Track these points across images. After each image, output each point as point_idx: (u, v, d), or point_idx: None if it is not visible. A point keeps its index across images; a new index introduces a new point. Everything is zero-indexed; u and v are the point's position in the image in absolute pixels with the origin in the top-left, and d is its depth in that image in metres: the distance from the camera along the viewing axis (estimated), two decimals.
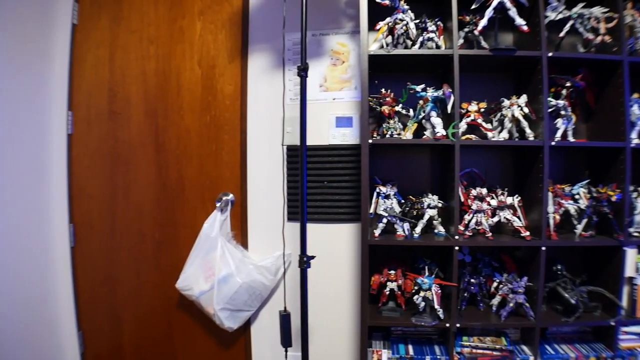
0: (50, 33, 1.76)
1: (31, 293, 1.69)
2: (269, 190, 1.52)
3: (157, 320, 1.69)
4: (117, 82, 1.65)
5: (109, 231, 1.70)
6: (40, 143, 1.73)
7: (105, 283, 1.73)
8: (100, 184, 1.69)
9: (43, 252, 1.74)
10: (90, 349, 1.79)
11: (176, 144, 1.58)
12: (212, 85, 1.54)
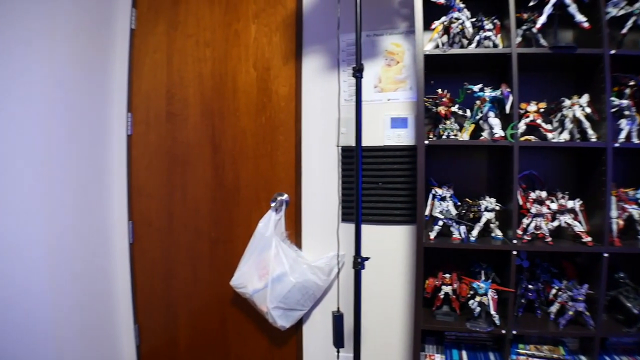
0: (110, 38, 2.10)
1: (91, 286, 2.01)
2: (323, 191, 1.74)
3: (211, 316, 1.97)
4: (175, 84, 1.95)
5: (167, 229, 2.01)
6: (102, 144, 2.10)
7: (162, 279, 2.04)
8: (159, 183, 2.00)
9: (103, 248, 2.07)
10: (145, 342, 2.12)
11: (232, 145, 1.85)
12: (267, 87, 1.79)
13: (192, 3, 1.93)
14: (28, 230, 1.64)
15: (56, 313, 1.76)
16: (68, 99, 1.84)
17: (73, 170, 1.89)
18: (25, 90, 1.61)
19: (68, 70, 1.83)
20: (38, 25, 1.66)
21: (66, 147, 1.84)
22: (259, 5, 1.82)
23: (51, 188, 1.74)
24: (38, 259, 1.68)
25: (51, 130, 1.74)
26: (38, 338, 1.68)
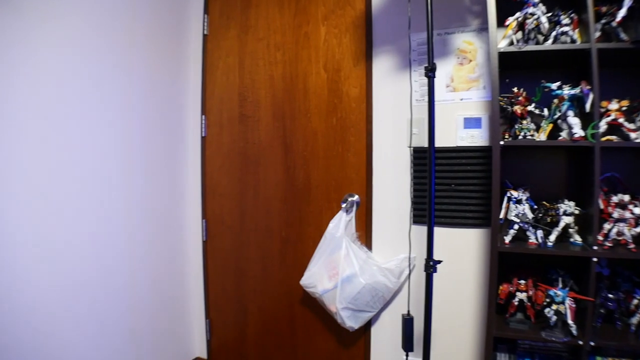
0: (184, 44, 2.56)
1: (167, 281, 2.51)
2: (394, 192, 2.03)
3: (280, 314, 2.36)
4: (247, 87, 2.38)
5: (239, 227, 2.45)
6: (178, 145, 2.63)
7: (233, 275, 2.48)
8: (231, 183, 2.46)
9: (179, 245, 2.57)
10: (215, 336, 2.59)
11: (303, 146, 2.23)
12: (337, 88, 2.14)
13: (262, 7, 2.34)
14: (109, 225, 2.15)
15: (133, 305, 2.26)
16: (145, 104, 2.32)
17: (150, 171, 2.38)
18: (106, 96, 2.10)
19: (145, 77, 2.32)
20: (117, 36, 2.15)
21: (144, 149, 2.33)
22: (328, 7, 2.20)
23: (130, 187, 2.23)
24: (117, 254, 2.18)
25: (129, 133, 2.23)
26: (115, 326, 2.19)
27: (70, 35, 1.90)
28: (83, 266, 2.00)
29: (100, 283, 2.08)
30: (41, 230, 1.80)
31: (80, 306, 2.00)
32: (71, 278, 1.94)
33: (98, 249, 2.06)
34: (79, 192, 1.97)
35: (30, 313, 1.78)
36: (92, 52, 2.00)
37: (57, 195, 1.86)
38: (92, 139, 2.02)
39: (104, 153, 2.09)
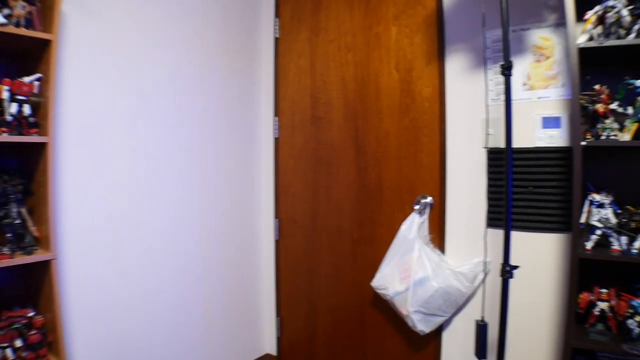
0: (256, 48, 2.88)
1: (239, 277, 2.86)
2: (469, 194, 2.18)
3: (350, 314, 2.59)
4: (319, 88, 2.65)
5: (311, 227, 2.73)
6: (251, 146, 2.97)
7: (304, 275, 2.77)
8: (304, 183, 2.75)
9: (252, 243, 2.91)
10: (285, 334, 2.90)
11: (376, 147, 2.44)
12: (410, 89, 2.33)
13: (333, 9, 2.59)
14: (186, 223, 2.53)
15: (207, 299, 2.63)
16: (219, 106, 2.68)
17: (225, 171, 2.73)
18: (183, 98, 2.47)
19: (218, 80, 2.67)
20: (192, 43, 2.52)
21: (218, 150, 2.68)
22: (399, 7, 2.39)
23: (205, 186, 2.60)
24: (192, 253, 2.56)
25: (205, 134, 2.59)
26: (190, 320, 2.57)
27: (148, 40, 2.33)
28: (160, 264, 2.42)
29: (175, 281, 2.49)
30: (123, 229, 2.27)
31: (158, 302, 2.42)
32: (151, 276, 2.38)
33: (175, 248, 2.47)
34: (158, 192, 2.40)
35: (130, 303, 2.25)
36: (168, 57, 2.42)
37: (139, 196, 2.31)
38: (170, 141, 2.44)
39: (182, 154, 2.50)
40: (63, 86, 1.97)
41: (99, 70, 2.12)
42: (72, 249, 2.03)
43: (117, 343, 2.23)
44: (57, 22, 1.73)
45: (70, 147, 2.02)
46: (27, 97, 1.71)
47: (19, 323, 1.73)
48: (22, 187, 1.77)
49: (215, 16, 2.68)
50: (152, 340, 2.39)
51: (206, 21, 2.63)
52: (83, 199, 2.07)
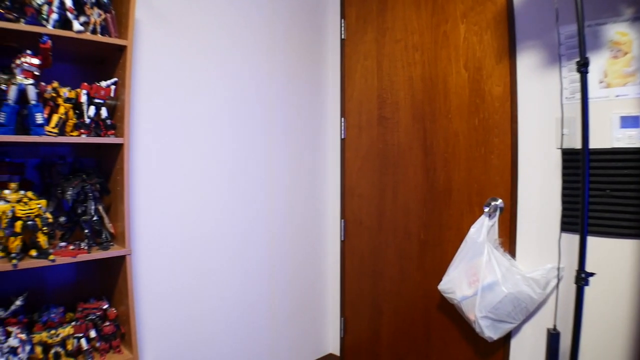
0: (322, 49, 3.03)
1: (305, 277, 3.03)
2: (541, 197, 2.21)
3: (415, 317, 2.68)
4: (386, 89, 2.78)
5: (376, 228, 2.86)
6: (318, 147, 3.14)
7: (369, 276, 2.89)
8: (370, 184, 2.88)
9: (317, 243, 3.08)
10: (349, 334, 3.04)
11: (444, 147, 2.52)
12: (479, 88, 2.39)
13: (399, 9, 2.70)
14: (253, 223, 2.74)
15: (273, 297, 2.83)
16: (286, 107, 2.87)
17: (291, 172, 2.92)
18: (251, 98, 2.68)
19: (285, 82, 2.85)
20: (259, 46, 2.72)
21: (286, 150, 2.88)
22: (467, 4, 2.44)
23: (271, 188, 2.79)
24: (260, 250, 2.76)
25: (272, 136, 2.79)
26: (256, 317, 2.76)
27: (216, 44, 2.57)
28: (229, 262, 2.64)
29: (243, 279, 2.71)
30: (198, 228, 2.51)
31: (225, 300, 2.64)
32: (219, 274, 2.61)
33: (243, 248, 2.69)
34: (226, 192, 2.62)
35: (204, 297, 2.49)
36: (236, 60, 2.64)
37: (208, 196, 2.56)
38: (238, 142, 2.66)
39: (249, 155, 2.71)
40: (137, 90, 2.23)
41: (169, 73, 2.37)
42: (144, 245, 2.29)
43: (184, 338, 2.48)
44: (131, 28, 1.94)
45: (143, 148, 2.28)
46: (104, 100, 1.94)
47: (93, 315, 1.97)
48: (99, 185, 2.00)
49: (282, 19, 2.88)
50: (218, 337, 2.62)
51: (273, 24, 2.83)
52: (155, 198, 2.33)
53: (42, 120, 1.73)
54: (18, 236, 1.68)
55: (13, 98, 1.68)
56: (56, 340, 1.79)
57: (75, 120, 1.88)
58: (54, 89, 1.83)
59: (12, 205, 1.68)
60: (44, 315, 1.86)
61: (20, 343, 1.67)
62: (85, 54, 2.06)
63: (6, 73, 1.76)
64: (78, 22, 1.82)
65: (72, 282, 2.12)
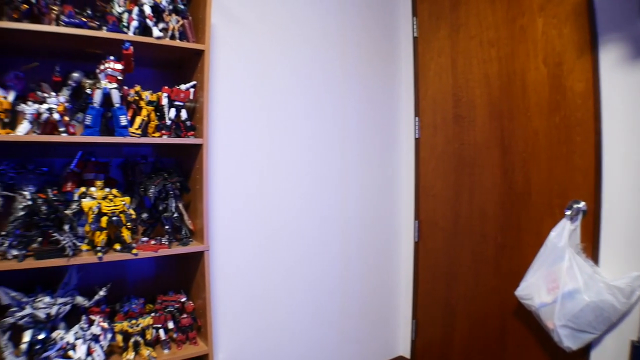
0: (394, 48, 3.10)
1: (377, 277, 3.12)
2: (630, 200, 2.16)
3: (490, 323, 2.68)
4: (461, 87, 2.80)
5: (451, 230, 2.88)
6: (391, 147, 3.21)
7: (443, 278, 2.93)
8: (445, 185, 2.91)
9: (390, 244, 3.16)
10: (421, 337, 3.10)
11: (523, 147, 2.50)
12: (559, 84, 2.35)
13: (472, 4, 2.69)
14: (327, 223, 2.87)
15: (345, 297, 2.96)
16: (359, 106, 2.98)
17: (365, 172, 3.02)
18: (324, 101, 2.81)
19: (357, 81, 2.96)
20: (331, 46, 2.85)
21: (359, 150, 2.99)
22: None
23: (346, 186, 2.91)
24: (333, 250, 2.89)
25: (345, 136, 2.90)
26: (327, 316, 2.90)
27: (290, 47, 2.73)
28: (302, 262, 2.80)
29: (315, 278, 2.86)
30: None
31: (297, 298, 2.79)
32: (292, 272, 2.78)
33: (316, 247, 2.84)
34: (300, 193, 2.78)
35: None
36: (308, 61, 2.79)
37: (282, 196, 2.72)
38: (311, 142, 2.81)
39: (323, 155, 2.85)
40: (214, 92, 2.43)
41: (245, 76, 2.57)
42: (220, 242, 2.50)
43: (256, 334, 2.67)
44: (208, 33, 2.11)
45: (220, 148, 2.48)
46: (183, 102, 2.13)
47: (172, 307, 2.17)
48: (179, 184, 2.19)
49: (353, 19, 2.99)
50: (289, 334, 2.80)
51: (345, 24, 2.95)
52: (231, 197, 2.53)
53: (125, 122, 1.94)
54: (103, 231, 1.89)
55: (98, 101, 1.90)
56: (136, 329, 2.01)
57: (157, 122, 2.09)
58: (136, 93, 2.05)
59: (98, 202, 1.89)
60: (125, 305, 2.09)
61: (102, 331, 1.90)
62: (164, 59, 2.27)
63: (91, 78, 1.99)
64: (157, 29, 2.01)
65: (152, 276, 2.36)
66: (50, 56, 2.01)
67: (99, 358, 1.86)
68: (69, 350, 1.82)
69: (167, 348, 2.09)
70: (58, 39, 1.84)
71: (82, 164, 2.04)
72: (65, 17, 1.83)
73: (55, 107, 1.81)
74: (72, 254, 1.81)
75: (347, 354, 3.03)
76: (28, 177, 1.90)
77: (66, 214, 1.85)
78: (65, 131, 1.83)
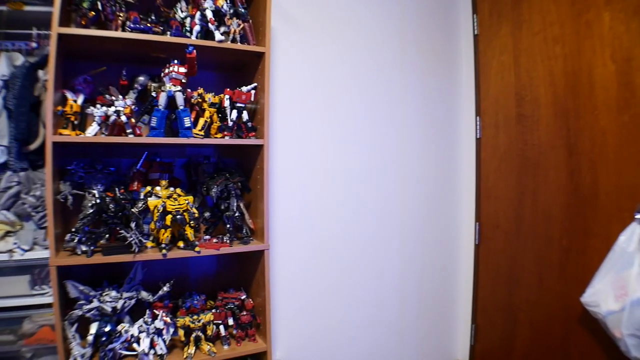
0: (453, 46, 3.12)
1: (435, 280, 3.16)
2: None
3: (553, 330, 2.63)
4: (524, 85, 2.77)
5: (514, 232, 2.86)
6: (451, 147, 3.22)
7: (504, 282, 2.91)
8: (508, 186, 2.89)
9: (449, 246, 3.18)
10: (480, 343, 3.08)
11: (590, 147, 2.46)
12: (629, 81, 2.30)
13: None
14: (385, 225, 2.93)
15: (402, 299, 3.01)
16: (418, 106, 3.03)
17: (424, 173, 3.07)
18: (382, 102, 2.88)
19: (417, 81, 3.00)
20: (390, 47, 2.91)
21: (418, 149, 3.04)
22: None
23: (404, 189, 2.96)
24: (391, 252, 2.95)
25: (404, 136, 2.95)
26: (384, 318, 2.96)
27: (347, 49, 2.82)
28: (359, 264, 2.88)
29: (373, 280, 2.94)
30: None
31: (354, 300, 2.87)
32: (349, 274, 2.85)
33: (374, 248, 2.91)
34: (359, 195, 2.87)
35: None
36: (367, 63, 2.86)
37: (341, 198, 2.82)
38: (370, 143, 2.89)
39: (381, 156, 2.92)
40: (274, 93, 2.55)
41: (304, 77, 2.68)
42: (280, 241, 2.62)
43: (312, 334, 2.77)
44: (268, 35, 2.21)
45: (280, 148, 2.60)
46: (244, 104, 2.23)
47: (232, 304, 2.28)
48: (241, 184, 2.29)
49: (411, 17, 3.05)
50: (346, 336, 2.88)
51: (403, 24, 3.01)
52: (290, 197, 2.65)
53: (189, 124, 2.07)
54: (168, 229, 2.03)
55: (163, 104, 2.04)
56: (197, 325, 2.13)
57: (219, 123, 2.21)
58: (199, 95, 2.17)
59: (163, 201, 2.03)
60: (188, 301, 2.22)
61: (165, 325, 2.04)
62: (226, 62, 2.40)
63: (156, 81, 2.15)
64: (219, 32, 2.13)
65: (213, 273, 2.50)
66: (117, 61, 2.19)
67: (162, 351, 2.01)
68: (133, 343, 1.98)
69: (227, 344, 2.20)
70: (124, 44, 2.00)
71: (148, 164, 2.20)
72: (131, 23, 1.99)
73: (122, 110, 1.96)
74: (137, 250, 1.97)
75: (404, 357, 3.09)
76: (97, 176, 2.07)
77: (133, 212, 2.01)
78: (132, 133, 1.99)
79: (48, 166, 1.82)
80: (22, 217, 2.16)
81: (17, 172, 2.13)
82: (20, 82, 2.08)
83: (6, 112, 2.09)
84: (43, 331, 2.09)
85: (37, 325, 2.06)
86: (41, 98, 2.13)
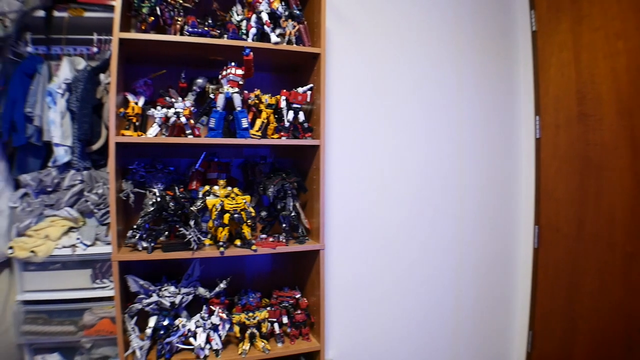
0: (511, 42, 3.10)
1: (491, 284, 3.13)
2: None
3: (615, 340, 2.56)
4: (585, 83, 2.71)
5: (575, 236, 2.80)
6: (509, 147, 3.16)
7: (564, 288, 2.86)
8: (569, 188, 2.84)
9: (506, 249, 3.15)
10: (537, 350, 3.02)
11: None
12: None
13: None
14: (441, 228, 2.95)
15: (457, 303, 3.01)
16: (475, 107, 3.04)
17: (481, 174, 3.06)
18: (438, 102, 2.91)
19: (473, 80, 3.01)
20: (446, 46, 2.94)
21: (475, 150, 3.03)
22: None
23: (460, 190, 2.98)
24: (446, 255, 2.96)
25: (461, 136, 2.97)
26: (438, 321, 2.98)
27: (402, 49, 2.87)
28: (413, 267, 2.92)
29: (427, 284, 2.97)
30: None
31: (407, 304, 2.91)
32: (403, 277, 2.90)
33: (428, 252, 2.94)
34: (415, 196, 2.91)
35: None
36: (423, 62, 2.93)
37: (396, 200, 2.87)
38: (426, 143, 2.94)
39: (438, 157, 2.96)
40: (330, 94, 2.61)
41: (360, 78, 2.74)
42: (335, 242, 2.68)
43: (365, 335, 2.82)
44: (323, 37, 2.28)
45: (336, 149, 2.67)
46: (301, 105, 2.30)
47: (287, 302, 2.35)
48: (297, 184, 2.36)
49: (467, 14, 3.06)
50: (399, 339, 2.92)
51: (458, 22, 3.04)
52: (346, 197, 2.71)
53: (247, 125, 2.15)
54: (225, 227, 2.12)
55: (221, 105, 2.13)
56: (253, 322, 2.21)
57: (276, 124, 2.29)
58: (256, 96, 2.25)
59: (221, 200, 2.13)
60: (243, 298, 2.31)
61: (221, 321, 2.13)
62: (282, 63, 2.49)
63: (214, 83, 2.25)
64: (274, 34, 2.20)
65: (268, 271, 2.60)
66: (176, 64, 2.30)
67: (217, 347, 2.11)
68: (190, 337, 2.09)
69: (281, 342, 2.28)
70: (183, 48, 2.11)
71: (206, 164, 2.31)
72: (189, 27, 2.10)
73: (181, 111, 2.07)
74: (196, 247, 2.07)
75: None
76: (157, 175, 2.19)
77: (192, 210, 2.12)
78: (191, 133, 2.10)
79: (111, 165, 1.95)
80: (84, 214, 2.31)
81: (80, 170, 2.28)
82: (82, 85, 2.22)
83: (70, 114, 2.24)
84: (102, 323, 2.21)
85: (97, 317, 2.19)
86: (103, 100, 2.27)
